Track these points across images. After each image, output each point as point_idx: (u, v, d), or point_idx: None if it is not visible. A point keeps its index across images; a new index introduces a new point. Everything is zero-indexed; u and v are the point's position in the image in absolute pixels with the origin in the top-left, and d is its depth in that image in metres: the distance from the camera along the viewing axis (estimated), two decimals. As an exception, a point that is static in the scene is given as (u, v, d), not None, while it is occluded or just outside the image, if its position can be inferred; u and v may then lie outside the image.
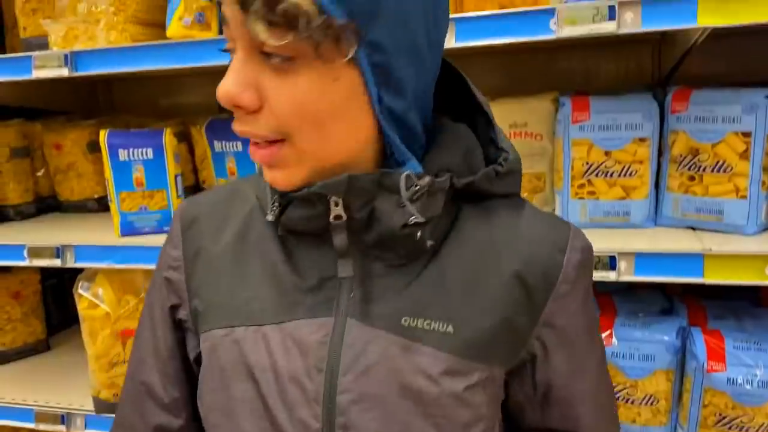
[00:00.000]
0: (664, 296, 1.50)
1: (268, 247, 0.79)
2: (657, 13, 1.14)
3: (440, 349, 0.72)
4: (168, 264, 0.86)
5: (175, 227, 0.86)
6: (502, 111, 1.56)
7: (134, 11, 1.53)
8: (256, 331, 0.75)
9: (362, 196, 0.70)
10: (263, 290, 0.77)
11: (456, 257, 0.75)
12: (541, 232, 0.78)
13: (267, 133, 0.67)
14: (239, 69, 0.65)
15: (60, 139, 1.93)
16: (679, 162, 1.32)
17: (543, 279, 0.75)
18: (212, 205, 0.87)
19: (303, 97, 0.65)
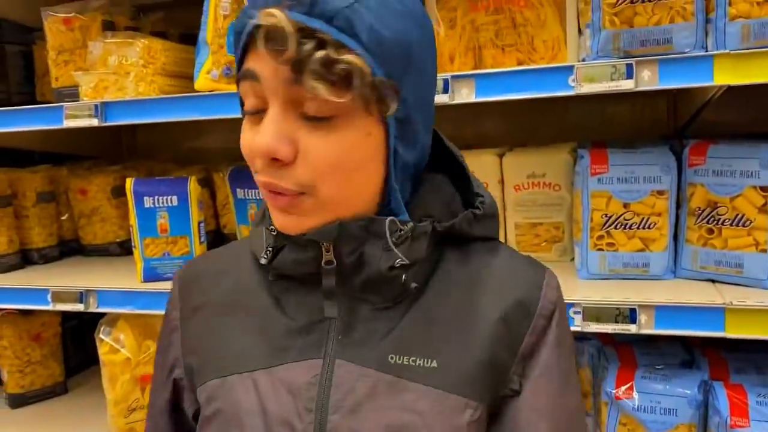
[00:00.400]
0: (684, 347, 1.49)
1: (256, 294, 0.82)
2: (674, 71, 1.17)
3: (425, 384, 0.73)
4: (170, 326, 0.88)
5: (173, 290, 0.90)
6: (520, 161, 1.59)
7: (163, 64, 1.58)
8: (246, 378, 0.77)
9: (352, 242, 0.73)
10: (253, 337, 0.79)
11: (439, 297, 0.78)
12: (518, 271, 0.82)
13: (294, 186, 0.69)
14: (278, 123, 0.67)
15: (85, 185, 1.98)
16: (698, 215, 1.33)
17: (522, 314, 0.78)
18: (208, 265, 0.90)
19: (340, 151, 0.68)
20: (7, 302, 1.71)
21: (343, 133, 0.68)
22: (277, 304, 0.80)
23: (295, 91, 0.67)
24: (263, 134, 0.67)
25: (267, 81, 0.68)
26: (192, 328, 0.85)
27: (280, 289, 0.80)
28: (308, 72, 0.64)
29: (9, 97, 2.08)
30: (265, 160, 0.68)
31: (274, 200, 0.72)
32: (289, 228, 0.73)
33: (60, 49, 1.78)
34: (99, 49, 1.62)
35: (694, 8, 1.18)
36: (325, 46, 0.65)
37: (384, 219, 0.74)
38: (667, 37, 1.19)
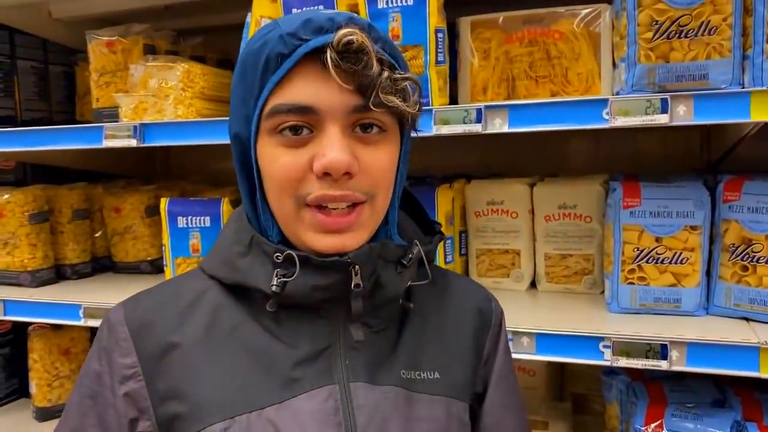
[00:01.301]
0: (716, 386, 1.47)
1: (246, 331, 0.79)
2: (710, 107, 1.16)
3: (433, 394, 0.81)
4: (120, 374, 0.78)
5: (118, 333, 0.80)
6: (551, 191, 1.59)
7: (201, 88, 1.62)
8: (259, 416, 0.74)
9: (370, 266, 0.77)
10: (254, 374, 0.77)
11: (422, 315, 0.86)
12: (470, 287, 0.96)
13: (361, 194, 0.75)
14: (342, 142, 0.72)
15: (119, 203, 2.02)
16: (732, 251, 1.32)
17: (482, 323, 0.91)
18: (158, 304, 0.83)
19: (388, 161, 0.77)
20: (40, 316, 1.74)
21: (387, 147, 0.77)
22: (273, 335, 0.79)
23: (353, 115, 0.73)
24: (337, 152, 0.71)
25: (327, 109, 0.72)
26: (163, 373, 0.77)
27: (275, 320, 0.79)
28: (381, 88, 0.71)
29: (50, 116, 2.15)
30: (337, 175, 0.72)
31: (336, 221, 0.74)
32: (348, 245, 0.75)
33: (102, 71, 1.84)
34: (140, 72, 1.66)
35: (731, 45, 1.18)
36: (384, 64, 0.72)
37: (394, 244, 0.80)
38: (704, 73, 1.19)
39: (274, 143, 0.74)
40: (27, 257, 1.89)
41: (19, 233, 1.88)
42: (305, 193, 0.73)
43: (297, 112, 0.71)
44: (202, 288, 0.83)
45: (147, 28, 1.86)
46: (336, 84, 0.70)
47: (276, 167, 0.74)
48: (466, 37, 1.48)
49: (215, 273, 0.83)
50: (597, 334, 1.26)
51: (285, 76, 0.72)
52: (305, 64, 0.71)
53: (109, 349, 0.80)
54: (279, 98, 0.72)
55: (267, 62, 0.72)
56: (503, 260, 1.64)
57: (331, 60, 0.69)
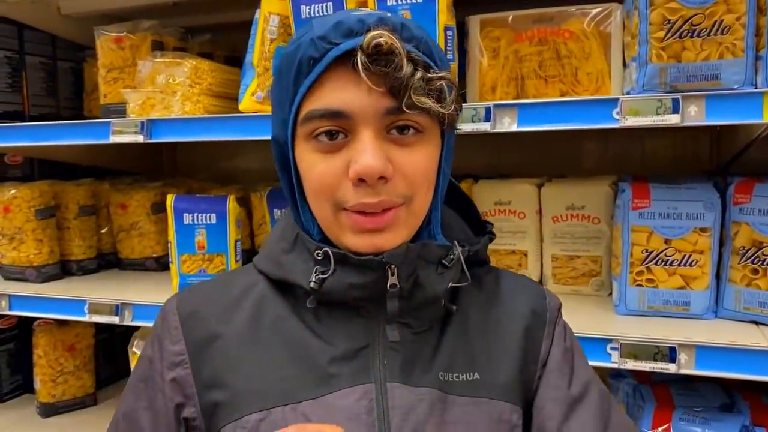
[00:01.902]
0: (724, 390, 1.45)
1: (287, 326, 0.81)
2: (722, 107, 1.15)
3: (472, 395, 0.79)
4: (169, 361, 0.82)
5: (170, 321, 0.84)
6: (559, 192, 1.57)
7: (209, 84, 1.62)
8: (294, 409, 0.75)
9: (409, 266, 0.76)
10: (292, 368, 0.78)
11: (467, 316, 0.84)
12: (523, 286, 0.91)
13: (397, 198, 0.74)
14: (376, 146, 0.71)
15: (126, 200, 2.02)
16: (742, 254, 1.30)
17: (538, 324, 0.87)
18: (208, 295, 0.86)
19: (425, 163, 0.75)
20: (45, 311, 1.74)
21: (425, 148, 0.75)
22: (313, 332, 0.80)
23: (386, 117, 0.71)
24: (370, 157, 0.70)
25: (359, 113, 0.71)
26: (208, 362, 0.81)
27: (316, 317, 0.80)
28: (413, 89, 0.69)
29: (58, 112, 2.14)
30: (372, 180, 0.71)
31: (371, 221, 0.73)
32: (386, 245, 0.75)
33: (110, 67, 1.83)
34: (148, 68, 1.66)
35: (744, 45, 1.17)
36: (417, 65, 0.70)
37: (436, 244, 0.79)
38: (716, 73, 1.18)
39: (310, 149, 0.74)
40: (33, 252, 1.89)
41: (25, 228, 1.87)
42: (342, 200, 0.74)
43: (330, 117, 0.71)
44: (251, 282, 0.86)
45: (155, 24, 1.85)
46: (367, 87, 0.70)
47: (313, 174, 0.74)
48: (475, 36, 1.47)
49: (263, 268, 0.86)
50: (604, 335, 1.25)
51: (317, 80, 0.72)
52: (337, 67, 0.71)
53: (161, 336, 0.84)
54: (312, 103, 0.72)
55: (300, 66, 0.72)
56: (510, 261, 1.63)
57: (361, 63, 0.68)
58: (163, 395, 0.82)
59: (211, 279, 0.92)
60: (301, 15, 1.43)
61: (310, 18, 1.42)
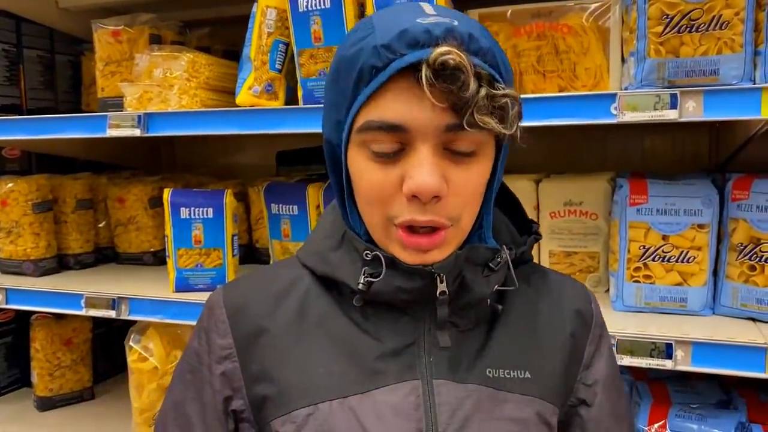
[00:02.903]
0: (721, 387, 1.45)
1: (333, 322, 0.81)
2: (720, 103, 1.15)
3: (523, 393, 0.79)
4: (217, 354, 0.83)
5: (217, 315, 0.84)
6: (558, 189, 1.57)
7: (206, 78, 1.61)
8: (341, 404, 0.76)
9: (455, 270, 0.76)
10: (338, 364, 0.78)
11: (514, 315, 0.83)
12: (570, 287, 0.91)
13: (446, 219, 0.72)
14: (433, 164, 0.69)
15: (123, 194, 2.01)
16: (740, 251, 1.30)
17: (582, 326, 0.87)
18: (254, 289, 0.87)
19: (478, 182, 0.74)
20: (42, 305, 1.74)
21: (482, 164, 0.73)
22: (359, 328, 0.80)
23: (445, 134, 0.69)
24: (426, 175, 0.68)
25: (419, 128, 0.69)
26: (256, 355, 0.81)
27: (362, 314, 0.80)
28: (476, 108, 0.66)
29: (56, 106, 2.14)
30: (426, 199, 0.69)
31: (416, 240, 0.72)
32: (432, 261, 0.74)
33: (107, 61, 1.83)
34: (145, 62, 1.66)
35: (743, 40, 1.16)
36: (482, 80, 0.67)
37: (483, 247, 0.78)
38: (714, 68, 1.17)
39: (364, 156, 0.73)
40: (30, 246, 1.88)
41: (22, 222, 1.87)
42: (394, 214, 0.72)
43: (387, 130, 0.69)
44: (295, 276, 0.86)
45: (153, 17, 1.85)
46: (429, 102, 0.67)
47: (365, 183, 0.73)
48: (473, 31, 1.46)
49: (307, 262, 0.85)
50: (601, 331, 1.24)
51: (378, 90, 0.70)
52: (399, 79, 0.69)
53: (208, 329, 0.85)
54: (370, 113, 0.70)
55: (360, 73, 0.70)
56: (507, 257, 1.63)
57: (425, 78, 0.65)
58: (212, 388, 0.83)
59: (255, 272, 0.91)
60: (299, 8, 1.42)
61: (307, 11, 1.41)
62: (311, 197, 1.66)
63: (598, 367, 0.87)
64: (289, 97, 1.57)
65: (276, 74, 1.53)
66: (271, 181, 1.79)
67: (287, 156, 2.11)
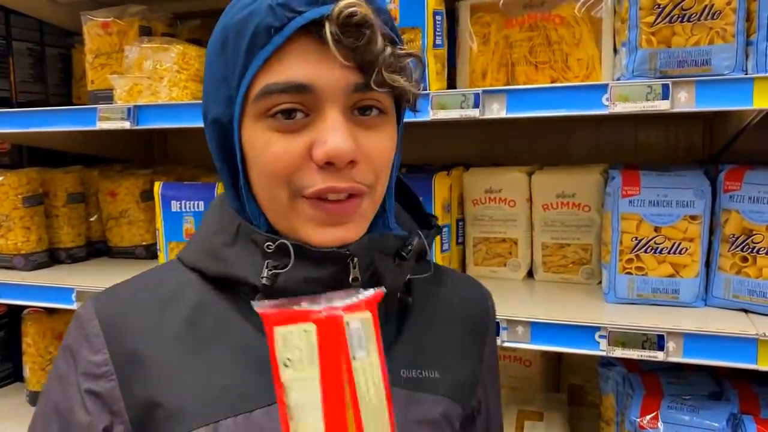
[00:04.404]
0: (713, 378, 1.45)
1: (233, 328, 0.73)
2: (712, 93, 1.14)
3: (435, 393, 0.76)
4: (89, 373, 0.71)
5: (88, 329, 0.73)
6: (550, 180, 1.56)
7: (196, 70, 1.60)
8: (247, 419, 0.68)
9: (366, 258, 0.71)
10: (239, 375, 0.70)
11: (421, 310, 0.81)
12: (469, 285, 0.90)
13: (363, 184, 0.68)
14: (344, 127, 0.65)
15: (115, 187, 2.00)
16: (732, 242, 1.29)
17: (481, 325, 0.87)
18: (136, 297, 0.76)
19: (389, 147, 0.71)
20: (33, 299, 1.73)
21: (388, 131, 0.70)
22: (262, 332, 0.67)
23: (353, 95, 0.66)
24: (340, 139, 0.64)
25: (326, 88, 0.64)
26: (141, 374, 0.70)
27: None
28: (384, 66, 0.64)
29: (46, 99, 2.12)
30: (341, 164, 0.65)
31: (337, 209, 0.67)
32: (349, 236, 0.69)
33: (97, 53, 1.81)
34: (135, 54, 1.64)
35: (735, 30, 1.16)
36: (386, 40, 0.65)
37: (393, 235, 0.74)
38: (706, 59, 1.16)
39: (263, 128, 0.66)
40: (21, 240, 1.87)
41: (12, 216, 1.86)
42: (303, 185, 0.66)
43: (291, 92, 0.64)
44: (182, 280, 0.76)
45: (143, 9, 1.83)
46: (336, 61, 0.63)
47: (267, 156, 0.66)
48: (465, 21, 1.45)
49: (197, 264, 0.76)
50: (593, 323, 1.24)
51: (275, 53, 0.64)
52: (299, 38, 0.63)
53: (77, 346, 0.73)
54: (269, 77, 0.64)
55: (254, 36, 0.64)
56: (500, 249, 1.62)
57: (330, 34, 0.61)
58: (86, 413, 0.71)
59: (132, 278, 0.80)
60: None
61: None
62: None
63: (493, 364, 0.89)
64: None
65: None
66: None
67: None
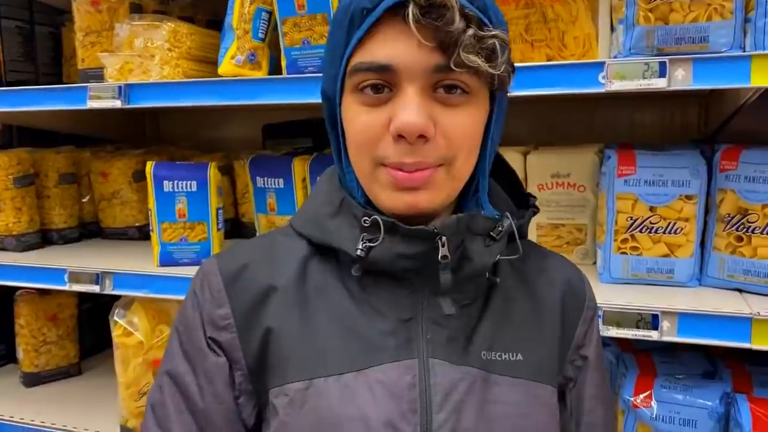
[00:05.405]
0: (707, 358, 1.45)
1: (332, 294, 0.79)
2: (709, 71, 1.13)
3: (514, 376, 0.78)
4: (214, 325, 0.80)
5: (213, 284, 0.81)
6: (545, 160, 1.55)
7: (188, 48, 1.58)
8: (336, 381, 0.74)
9: (456, 237, 0.74)
10: (336, 339, 0.77)
11: (507, 293, 0.83)
12: (565, 268, 0.91)
13: (435, 160, 0.72)
14: (419, 103, 0.69)
15: (107, 168, 1.98)
16: (727, 222, 1.29)
17: (575, 306, 0.88)
18: (253, 257, 0.84)
19: (470, 126, 0.73)
20: (25, 280, 1.72)
21: (470, 111, 0.73)
22: (358, 302, 0.78)
23: (434, 75, 0.69)
24: (410, 113, 0.68)
25: (406, 68, 0.69)
26: (255, 323, 0.79)
27: (361, 285, 0.79)
28: (463, 47, 0.66)
29: (36, 78, 2.10)
30: (411, 138, 0.69)
31: (407, 179, 0.71)
32: (421, 204, 0.73)
33: (87, 31, 1.79)
34: (125, 32, 1.62)
35: (733, 6, 1.14)
36: (470, 21, 0.67)
37: (485, 215, 0.77)
38: (704, 36, 1.15)
39: (355, 101, 0.73)
40: (12, 221, 1.86)
41: (3, 197, 1.84)
42: (382, 155, 0.72)
43: (375, 71, 0.70)
44: (292, 244, 0.84)
45: (134, -14, 1.80)
46: (416, 41, 0.67)
47: (354, 126, 0.73)
48: (460, -1, 1.43)
49: (303, 230, 0.83)
50: (587, 303, 1.24)
51: (368, 33, 0.70)
52: (388, 19, 0.69)
53: (202, 299, 0.81)
54: (360, 56, 0.71)
55: (353, 17, 0.71)
56: (495, 229, 1.62)
57: (412, 15, 0.65)
58: (208, 360, 0.80)
59: (250, 240, 0.90)
60: (282, -25, 1.39)
61: (290, -22, 1.38)
62: (297, 170, 1.64)
63: (589, 347, 0.88)
64: (272, 67, 1.54)
65: (259, 43, 1.50)
66: (256, 154, 1.76)
67: (273, 129, 2.08)
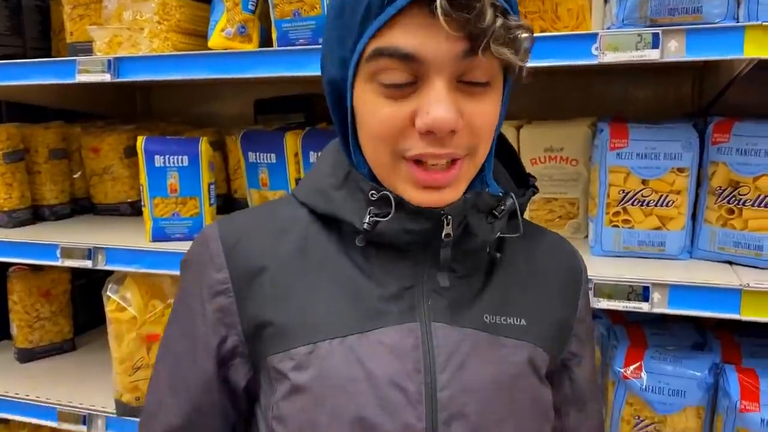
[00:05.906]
0: (697, 329, 1.47)
1: (335, 262, 0.81)
2: (702, 42, 1.12)
3: (518, 339, 0.81)
4: (212, 289, 0.81)
5: (213, 249, 0.82)
6: (538, 134, 1.55)
7: (177, 21, 1.56)
8: (341, 343, 0.76)
9: (461, 215, 0.76)
10: (339, 303, 0.78)
11: (510, 265, 0.85)
12: (560, 243, 0.94)
13: (462, 151, 0.72)
14: (448, 98, 0.69)
15: (98, 143, 1.97)
16: (719, 194, 1.29)
17: (575, 280, 0.91)
18: (254, 224, 0.85)
19: (492, 114, 0.74)
20: (17, 256, 1.71)
21: (492, 99, 0.73)
22: (361, 270, 0.80)
23: (461, 64, 0.68)
24: (443, 111, 0.67)
25: (434, 59, 0.67)
26: (254, 292, 0.80)
27: (364, 255, 0.80)
28: (494, 38, 0.65)
29: (24, 52, 2.06)
30: (443, 134, 0.69)
31: (433, 176, 0.72)
32: (446, 200, 0.74)
33: (75, 3, 1.76)
34: (114, 4, 1.59)
35: (727, -24, 1.13)
36: (497, 10, 0.66)
37: (488, 193, 0.79)
38: (697, 6, 1.14)
39: (373, 91, 0.71)
40: (3, 197, 1.84)
41: (-7, 172, 1.83)
42: (405, 148, 0.72)
43: (400, 59, 0.68)
44: (294, 213, 0.84)
45: (122, -42, 1.77)
46: (444, 33, 0.65)
47: (375, 119, 0.72)
48: (453, -30, 1.41)
49: (307, 200, 0.84)
50: (579, 275, 1.24)
51: (388, 22, 0.67)
52: (411, 9, 0.66)
53: (201, 263, 0.83)
54: (379, 42, 0.69)
55: (369, 6, 0.68)
56: (488, 204, 1.62)
57: (441, 8, 0.63)
58: (204, 324, 0.81)
59: (251, 209, 0.91)
60: (272, -54, 1.37)
61: (280, -52, 1.36)
62: (289, 145, 1.63)
63: (588, 322, 0.93)
64: (263, 40, 1.52)
65: (249, 15, 1.48)
66: (247, 129, 1.75)
67: (265, 104, 2.06)
